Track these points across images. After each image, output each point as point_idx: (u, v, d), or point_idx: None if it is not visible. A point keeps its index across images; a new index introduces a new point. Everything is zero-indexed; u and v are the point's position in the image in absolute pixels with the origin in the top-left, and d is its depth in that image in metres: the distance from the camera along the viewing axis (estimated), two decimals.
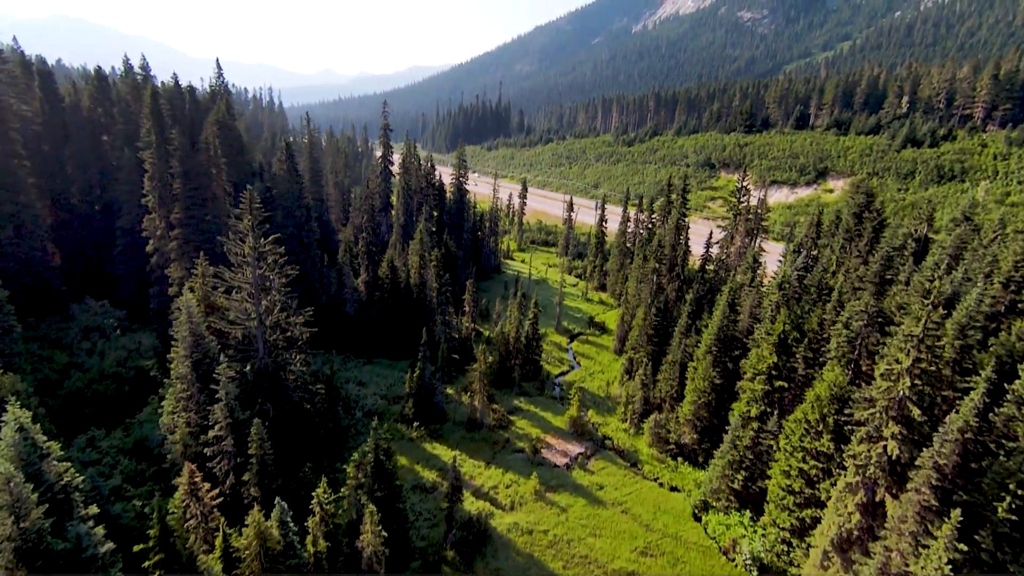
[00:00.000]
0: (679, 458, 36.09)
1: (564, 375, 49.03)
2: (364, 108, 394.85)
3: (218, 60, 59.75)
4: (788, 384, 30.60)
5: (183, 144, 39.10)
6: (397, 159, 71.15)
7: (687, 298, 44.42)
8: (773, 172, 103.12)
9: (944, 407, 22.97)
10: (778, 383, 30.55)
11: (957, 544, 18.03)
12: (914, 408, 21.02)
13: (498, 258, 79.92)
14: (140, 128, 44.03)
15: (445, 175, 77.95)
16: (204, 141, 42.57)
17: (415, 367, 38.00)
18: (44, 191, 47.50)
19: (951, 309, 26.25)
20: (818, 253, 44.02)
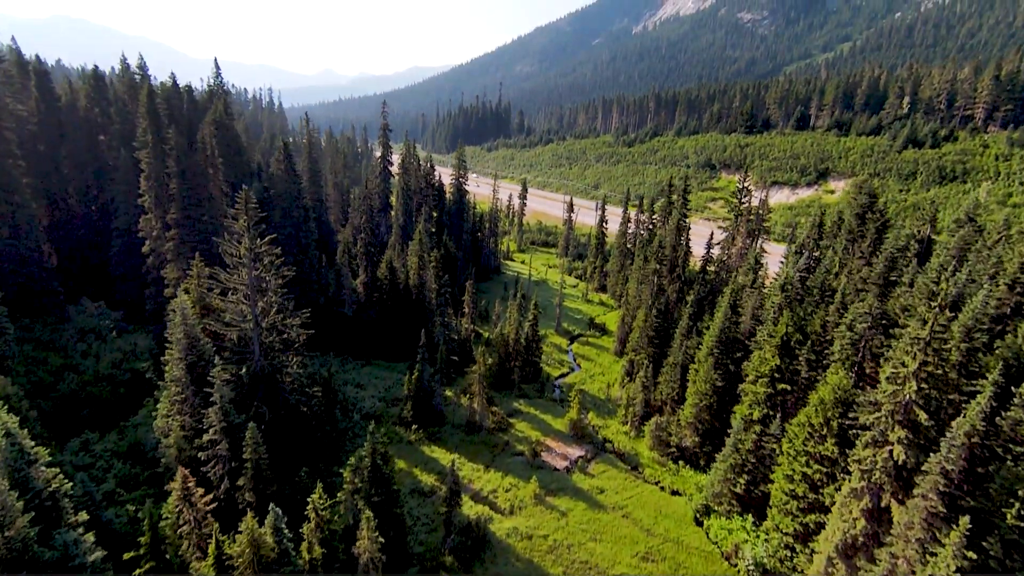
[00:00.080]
0: (680, 461, 35.72)
1: (564, 377, 48.66)
2: (364, 109, 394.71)
3: (216, 60, 59.44)
4: (791, 387, 30.23)
5: (180, 144, 38.74)
6: (397, 160, 70.85)
7: (688, 299, 44.06)
8: (774, 173, 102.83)
9: (950, 411, 22.62)
10: (781, 386, 30.20)
11: (966, 552, 17.67)
12: (921, 412, 20.66)
13: (498, 259, 79.53)
14: (137, 128, 43.72)
15: (445, 176, 77.62)
16: (201, 141, 42.21)
17: (414, 369, 37.65)
18: (40, 191, 47.15)
19: (956, 311, 25.88)
20: (820, 254, 43.68)
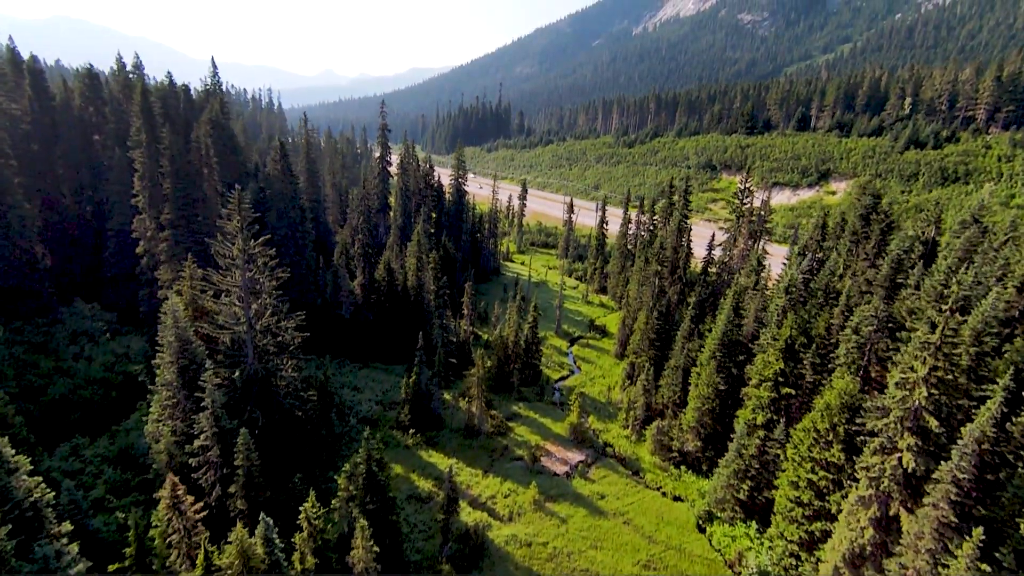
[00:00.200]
0: (682, 466, 35.12)
1: (564, 380, 48.07)
2: (364, 109, 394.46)
3: (213, 59, 58.88)
4: (795, 391, 29.67)
5: (174, 143, 38.18)
6: (396, 160, 70.30)
7: (689, 301, 43.50)
8: (775, 174, 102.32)
9: (960, 417, 22.06)
10: (785, 390, 29.62)
11: (979, 564, 17.12)
12: (931, 419, 20.10)
13: (497, 260, 78.92)
14: (131, 127, 43.13)
15: (444, 176, 77.02)
16: (195, 140, 41.64)
17: (411, 372, 37.07)
18: (34, 191, 46.52)
19: (964, 314, 25.33)
20: (824, 256, 43.12)
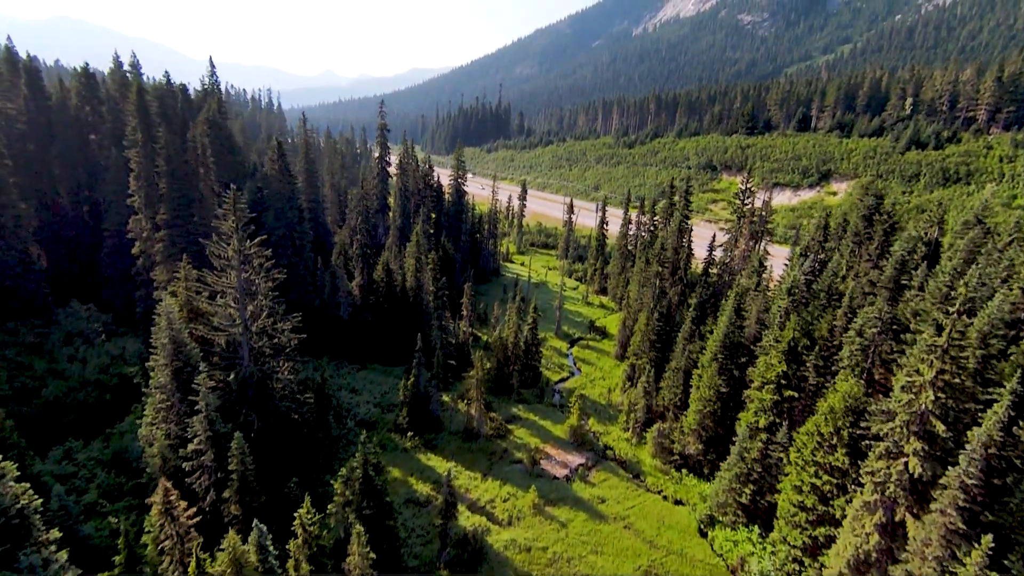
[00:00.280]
0: (683, 469, 34.74)
1: (564, 381, 47.69)
2: (364, 110, 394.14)
3: (211, 58, 58.52)
4: (798, 394, 29.29)
5: (170, 143, 37.80)
6: (395, 160, 69.89)
7: (690, 303, 43.15)
8: (775, 174, 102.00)
9: (966, 420, 21.69)
10: (788, 393, 29.24)
11: (988, 572, 16.74)
12: (938, 423, 19.73)
13: (497, 261, 78.55)
14: (128, 126, 42.77)
15: (444, 177, 76.71)
16: (191, 140, 41.25)
17: (410, 374, 36.68)
18: (30, 192, 46.18)
19: (970, 317, 24.96)
20: (826, 257, 42.76)
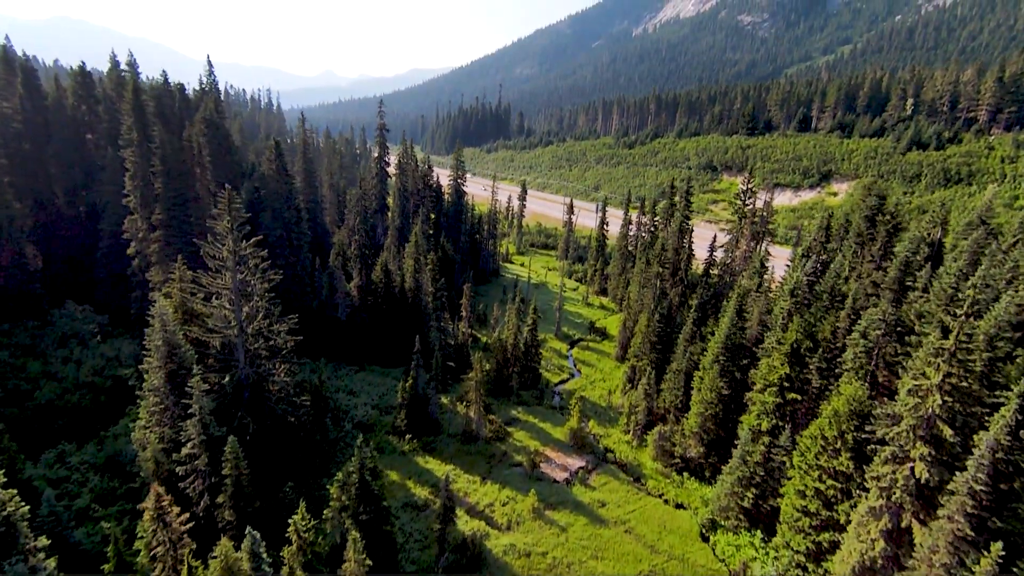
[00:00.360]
0: (685, 473, 34.35)
1: (564, 383, 47.31)
2: (364, 110, 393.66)
3: (208, 57, 58.14)
4: (801, 396, 28.92)
5: (165, 142, 37.44)
6: (394, 160, 69.53)
7: (691, 304, 42.78)
8: (776, 175, 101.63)
9: (973, 424, 21.32)
10: (790, 395, 28.86)
11: None
12: (945, 427, 19.36)
13: (496, 261, 78.19)
14: (123, 125, 42.37)
15: (444, 177, 76.41)
16: (187, 139, 40.89)
17: (408, 376, 36.30)
18: (25, 191, 45.81)
19: (977, 319, 24.59)
20: (828, 258, 42.40)
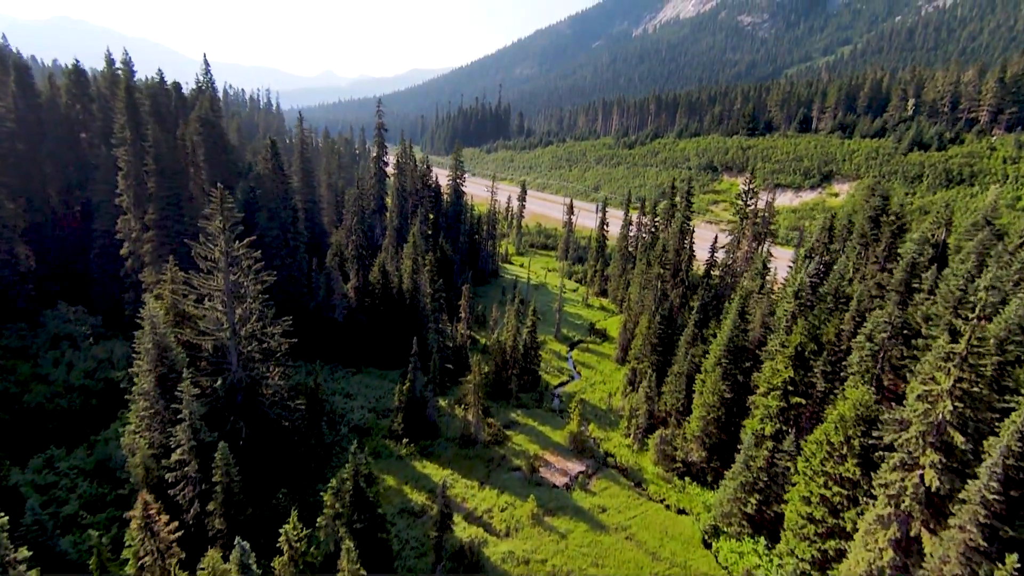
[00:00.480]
0: (686, 477, 33.80)
1: (564, 386, 46.76)
2: (364, 110, 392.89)
3: (205, 56, 57.60)
4: (806, 400, 28.37)
5: (158, 141, 36.88)
6: (393, 160, 69.02)
7: (692, 305, 42.25)
8: (777, 175, 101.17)
9: (984, 430, 20.79)
10: (795, 399, 28.32)
11: None
12: (956, 434, 18.82)
13: (496, 262, 77.66)
14: (116, 124, 41.80)
15: (444, 177, 75.94)
16: (181, 138, 40.32)
17: (406, 378, 35.74)
18: (18, 191, 45.23)
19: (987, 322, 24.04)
20: (831, 259, 41.89)
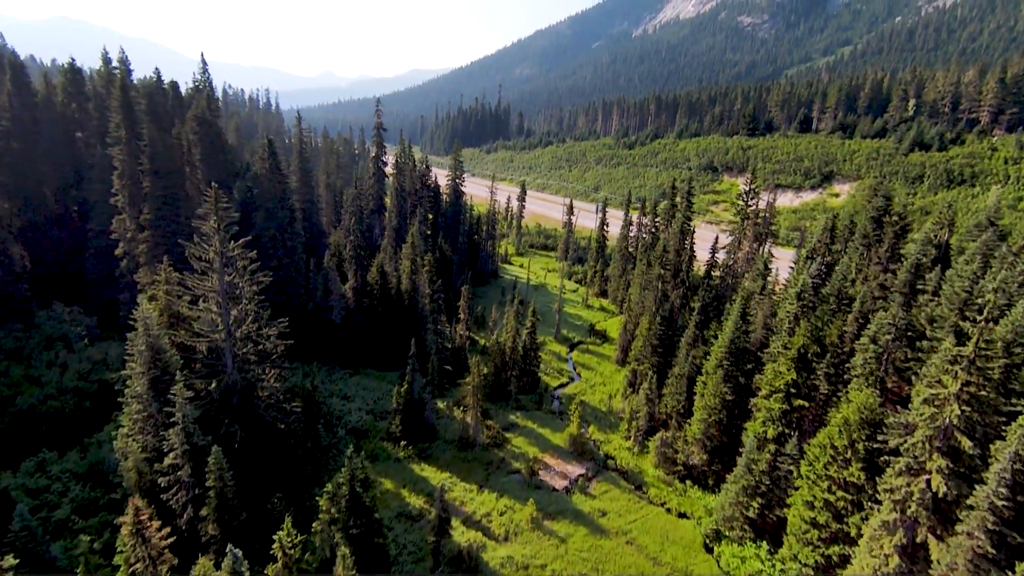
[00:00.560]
0: (687, 480, 33.43)
1: (563, 387, 46.38)
2: (363, 111, 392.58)
3: (203, 55, 57.24)
4: (808, 403, 28.01)
5: (155, 140, 36.51)
6: (392, 160, 68.66)
7: (693, 306, 41.88)
8: (777, 176, 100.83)
9: (991, 434, 20.43)
10: (797, 402, 27.95)
11: None
12: (963, 439, 18.46)
13: (495, 262, 77.28)
14: (111, 123, 41.40)
15: (443, 178, 75.59)
16: (177, 137, 39.95)
17: (404, 380, 35.37)
18: (13, 190, 44.89)
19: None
20: (833, 260, 41.55)
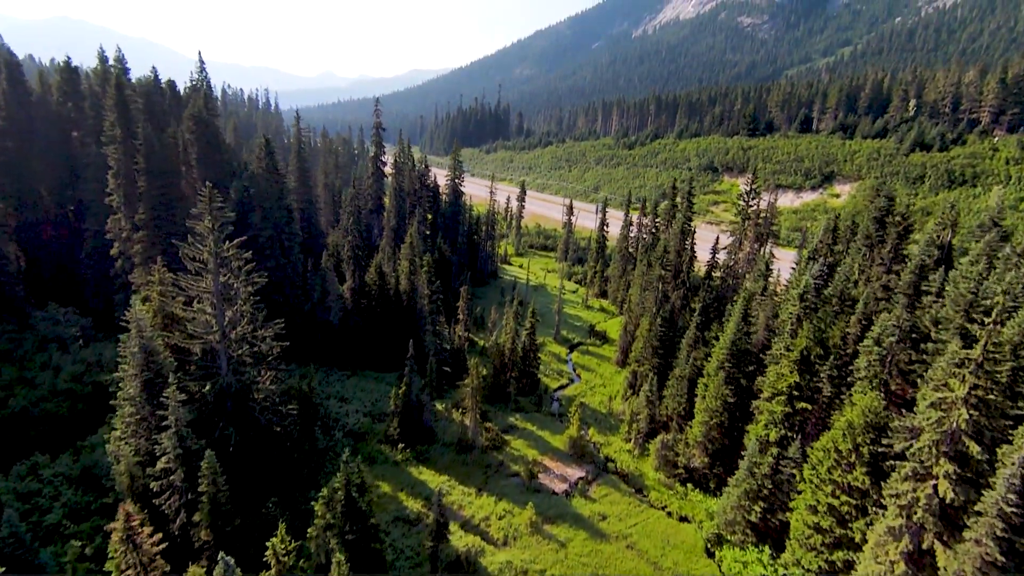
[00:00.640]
0: (689, 484, 33.05)
1: (563, 389, 46.02)
2: (363, 111, 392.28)
3: (200, 54, 56.90)
4: (811, 406, 27.65)
5: (150, 139, 36.14)
6: (391, 160, 68.32)
7: (694, 307, 41.54)
8: (778, 176, 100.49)
9: (998, 439, 20.07)
10: (800, 405, 27.60)
11: None
12: (971, 443, 18.10)
13: (495, 263, 76.93)
14: (106, 122, 40.99)
15: (443, 178, 75.24)
16: (172, 136, 39.57)
17: (402, 382, 34.99)
18: (8, 189, 44.52)
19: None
20: (835, 260, 41.22)
